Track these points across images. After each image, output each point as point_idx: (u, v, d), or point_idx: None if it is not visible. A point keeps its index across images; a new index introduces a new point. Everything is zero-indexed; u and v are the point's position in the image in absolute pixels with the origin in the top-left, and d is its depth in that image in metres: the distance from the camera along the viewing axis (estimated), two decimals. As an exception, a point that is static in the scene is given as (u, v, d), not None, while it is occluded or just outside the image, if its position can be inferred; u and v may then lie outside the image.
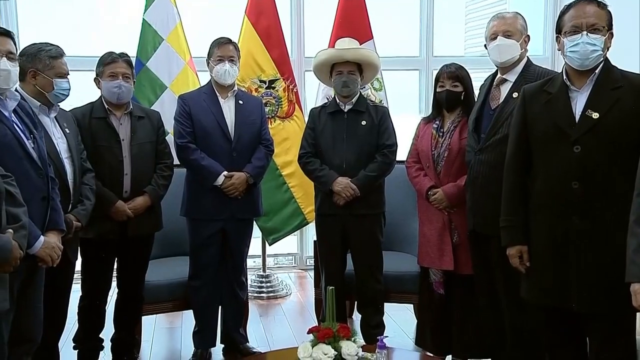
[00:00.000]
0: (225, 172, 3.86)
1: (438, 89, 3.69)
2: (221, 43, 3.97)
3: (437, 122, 3.72)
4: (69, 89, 3.25)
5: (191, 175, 3.97)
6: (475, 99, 3.63)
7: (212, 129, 3.91)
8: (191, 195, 3.98)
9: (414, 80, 6.32)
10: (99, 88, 3.71)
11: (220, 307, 4.16)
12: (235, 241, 4.06)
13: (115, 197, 3.63)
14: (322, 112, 4.07)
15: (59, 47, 3.26)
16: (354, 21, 5.32)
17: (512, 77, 3.33)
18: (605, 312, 2.73)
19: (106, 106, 3.68)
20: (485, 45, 3.42)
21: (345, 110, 3.96)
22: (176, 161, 4.01)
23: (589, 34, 2.70)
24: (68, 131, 3.30)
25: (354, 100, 3.96)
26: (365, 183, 3.86)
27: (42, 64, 3.15)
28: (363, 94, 4.16)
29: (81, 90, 3.76)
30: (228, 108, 3.98)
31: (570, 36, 2.73)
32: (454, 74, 3.63)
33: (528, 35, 3.38)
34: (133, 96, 4.77)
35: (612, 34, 2.76)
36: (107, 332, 3.94)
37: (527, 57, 3.41)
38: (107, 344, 3.94)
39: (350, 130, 3.93)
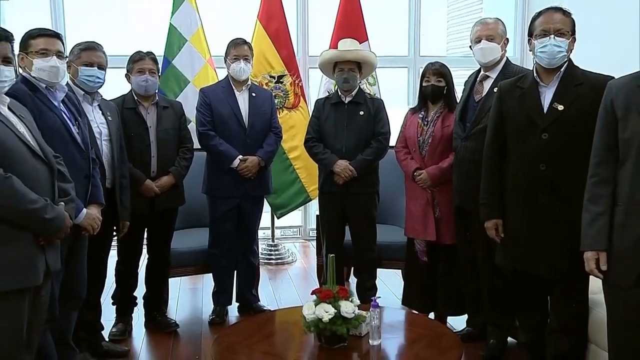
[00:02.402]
0: (240, 156, 3.88)
1: (424, 84, 3.68)
2: (237, 44, 3.96)
3: (422, 112, 3.71)
4: (97, 77, 3.20)
5: (211, 158, 3.99)
6: (456, 94, 3.65)
7: (229, 119, 3.92)
8: (211, 176, 3.99)
9: (403, 77, 6.30)
10: (129, 83, 3.72)
11: (235, 271, 4.18)
12: (248, 215, 4.08)
13: (144, 176, 3.64)
14: (326, 103, 4.07)
15: (94, 42, 3.26)
16: (352, 24, 5.29)
17: (493, 74, 3.34)
18: (566, 276, 2.78)
19: (135, 98, 3.70)
20: (470, 47, 3.43)
21: (346, 102, 3.96)
22: (196, 145, 4.02)
23: (555, 37, 2.73)
24: (110, 119, 3.31)
25: (353, 93, 3.96)
26: (362, 165, 3.87)
27: (73, 55, 3.18)
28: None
29: (116, 85, 3.79)
30: (243, 100, 3.98)
31: (540, 39, 2.76)
32: (439, 71, 3.63)
33: (507, 39, 3.39)
34: (160, 89, 4.78)
35: (574, 39, 2.80)
36: (140, 291, 3.98)
37: (507, 57, 3.42)
38: (139, 302, 3.99)
39: (350, 120, 3.93)
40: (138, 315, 4.02)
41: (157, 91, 3.82)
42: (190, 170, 3.94)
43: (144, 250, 3.97)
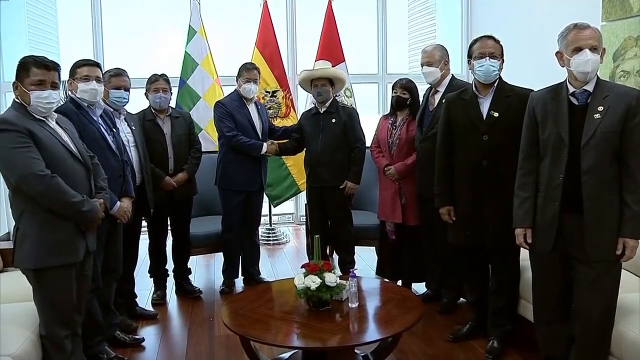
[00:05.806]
0: (265, 144, 3.98)
1: (393, 94, 3.73)
2: (248, 69, 3.99)
3: (392, 118, 3.74)
4: (123, 97, 3.25)
5: (243, 152, 3.96)
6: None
7: (246, 126, 3.96)
8: (225, 174, 4.02)
9: (374, 90, 6.31)
10: (147, 99, 3.78)
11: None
12: (254, 206, 4.15)
13: (163, 174, 3.71)
14: (308, 114, 4.13)
15: (120, 69, 3.30)
16: (331, 49, 5.33)
17: (441, 89, 3.40)
18: (502, 248, 2.86)
19: (153, 111, 3.76)
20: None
21: (322, 112, 4.00)
22: (204, 148, 4.07)
23: (490, 59, 2.80)
24: (134, 128, 3.35)
25: (327, 104, 3.98)
26: (358, 176, 3.93)
27: (104, 80, 3.17)
28: (337, 99, 4.15)
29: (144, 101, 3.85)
30: (252, 111, 4.03)
31: (478, 60, 2.83)
32: (405, 85, 3.68)
33: (446, 61, 3.41)
34: (177, 103, 4.86)
35: (503, 60, 2.87)
36: (169, 266, 4.07)
37: (452, 74, 3.46)
38: (170, 274, 4.09)
39: (324, 126, 3.95)
40: (171, 285, 4.11)
41: (169, 104, 3.85)
42: (205, 171, 3.99)
43: (169, 234, 4.02)
